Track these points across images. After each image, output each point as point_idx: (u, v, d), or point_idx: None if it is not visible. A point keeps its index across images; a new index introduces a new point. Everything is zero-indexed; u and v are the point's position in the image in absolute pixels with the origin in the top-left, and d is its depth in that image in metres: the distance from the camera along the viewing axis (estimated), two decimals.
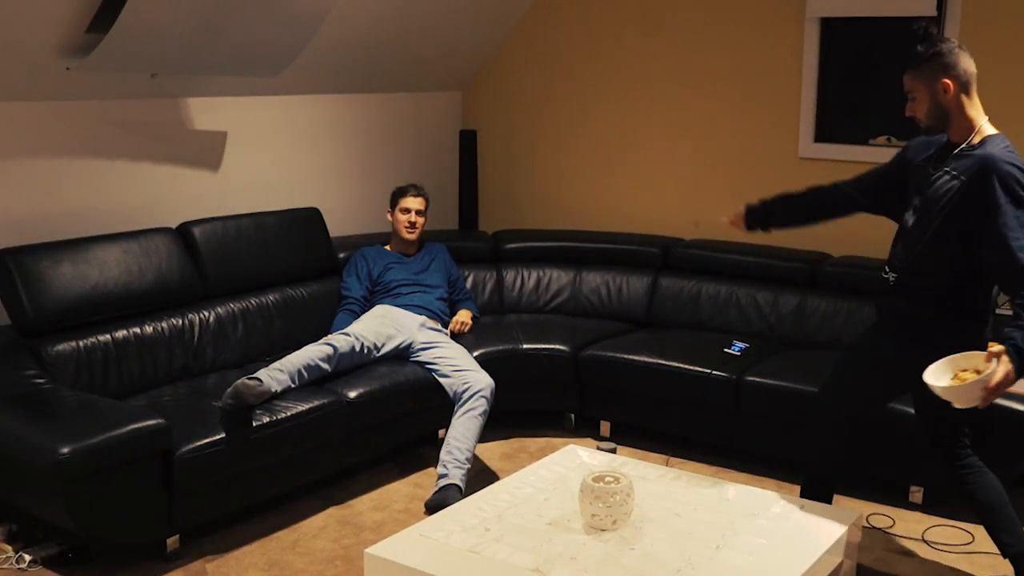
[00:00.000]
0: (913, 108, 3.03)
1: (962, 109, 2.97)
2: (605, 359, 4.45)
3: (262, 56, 4.28)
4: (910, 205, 3.10)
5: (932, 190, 3.00)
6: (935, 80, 2.94)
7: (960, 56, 2.95)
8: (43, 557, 3.34)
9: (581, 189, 5.62)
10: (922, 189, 3.05)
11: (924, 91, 2.98)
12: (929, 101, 2.98)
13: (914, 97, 3.02)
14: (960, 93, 2.95)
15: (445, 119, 5.89)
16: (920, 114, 3.01)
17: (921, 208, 3.04)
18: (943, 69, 2.93)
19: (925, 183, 3.04)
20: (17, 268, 3.62)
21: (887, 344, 3.14)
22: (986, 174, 2.84)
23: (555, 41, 5.61)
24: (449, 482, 3.78)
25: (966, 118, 2.97)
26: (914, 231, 3.04)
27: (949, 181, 2.95)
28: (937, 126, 3.01)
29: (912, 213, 3.07)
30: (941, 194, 2.96)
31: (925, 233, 3.00)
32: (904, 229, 3.11)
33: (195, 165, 4.55)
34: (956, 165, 2.95)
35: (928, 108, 2.98)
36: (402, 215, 4.57)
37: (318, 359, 3.90)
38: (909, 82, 3.02)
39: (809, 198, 3.39)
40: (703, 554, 2.66)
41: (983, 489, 3.17)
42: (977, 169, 2.87)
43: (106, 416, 3.24)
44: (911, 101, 3.03)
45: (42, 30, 3.62)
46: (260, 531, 3.64)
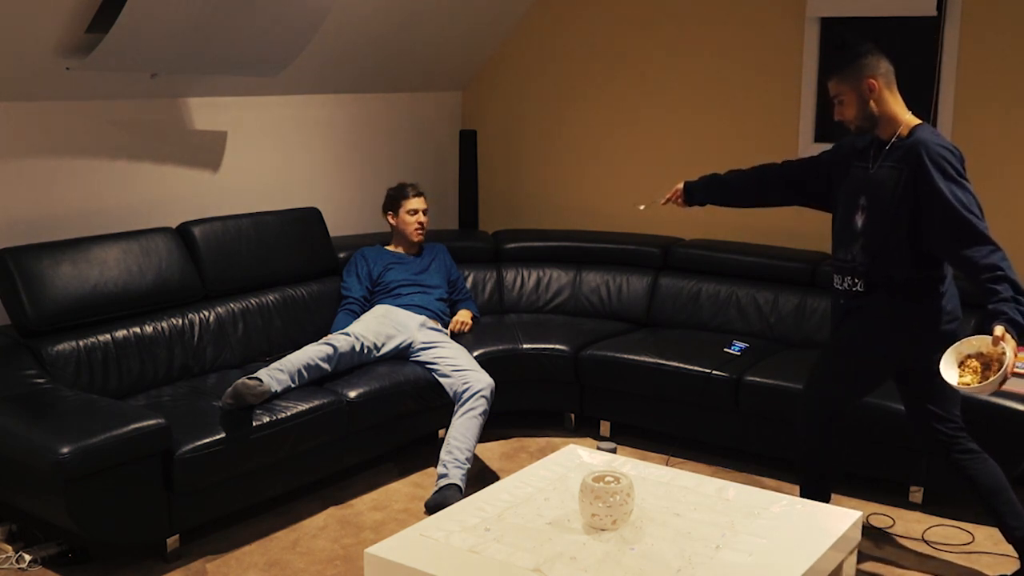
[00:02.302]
0: (842, 112, 3.13)
1: (888, 106, 3.09)
2: (605, 359, 4.45)
3: (262, 56, 4.28)
4: (856, 206, 3.16)
5: (876, 187, 3.09)
6: (861, 81, 3.06)
7: (879, 56, 3.08)
8: (43, 557, 3.34)
9: (581, 189, 5.62)
10: (865, 188, 3.13)
11: (851, 93, 3.08)
12: (857, 103, 3.08)
13: (841, 101, 3.11)
14: (885, 91, 3.07)
15: (445, 119, 5.90)
16: (849, 116, 3.11)
17: (869, 207, 3.11)
18: (867, 70, 3.05)
19: (866, 182, 3.12)
20: (17, 268, 3.62)
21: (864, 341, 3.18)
22: (923, 159, 2.95)
23: (555, 41, 5.61)
24: (449, 482, 3.78)
25: (892, 114, 3.09)
26: (869, 231, 3.11)
27: (891, 174, 3.04)
28: (867, 126, 3.11)
29: (860, 213, 3.13)
30: (887, 188, 3.05)
31: (883, 230, 3.07)
32: (854, 232, 3.16)
33: (195, 165, 4.55)
34: (893, 158, 3.05)
35: (857, 110, 3.08)
36: (410, 217, 4.56)
37: (318, 359, 3.90)
38: (835, 87, 3.12)
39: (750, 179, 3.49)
40: (703, 554, 2.66)
41: (985, 474, 3.19)
42: (915, 156, 2.97)
43: (106, 416, 3.25)
44: (839, 105, 3.12)
45: (42, 30, 3.62)
46: (260, 531, 3.64)
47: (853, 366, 3.25)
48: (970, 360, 2.80)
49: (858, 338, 3.21)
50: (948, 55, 4.46)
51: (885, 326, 3.14)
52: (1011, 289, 2.80)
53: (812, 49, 4.82)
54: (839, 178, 3.25)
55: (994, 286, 2.81)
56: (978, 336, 2.80)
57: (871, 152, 3.15)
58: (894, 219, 3.04)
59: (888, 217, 3.05)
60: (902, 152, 3.03)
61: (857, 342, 3.21)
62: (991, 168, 4.45)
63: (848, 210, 3.18)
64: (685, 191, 3.60)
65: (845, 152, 3.27)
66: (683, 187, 3.60)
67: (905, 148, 3.03)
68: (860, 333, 3.20)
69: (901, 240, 3.04)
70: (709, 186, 3.56)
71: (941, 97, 4.51)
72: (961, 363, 2.81)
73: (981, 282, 2.85)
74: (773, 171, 3.48)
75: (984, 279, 2.84)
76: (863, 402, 3.82)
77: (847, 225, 3.18)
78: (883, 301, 3.12)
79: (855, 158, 3.21)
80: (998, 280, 2.82)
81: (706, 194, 3.57)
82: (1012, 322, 2.74)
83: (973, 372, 2.78)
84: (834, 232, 3.29)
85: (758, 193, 3.52)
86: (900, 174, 3.01)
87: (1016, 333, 2.72)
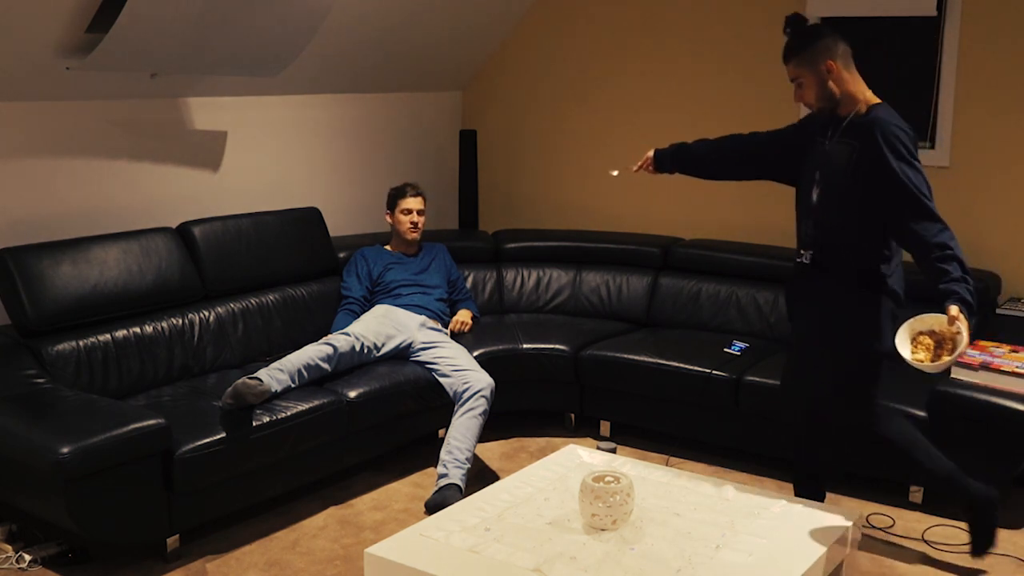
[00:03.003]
0: (801, 95, 3.17)
1: (847, 85, 3.12)
2: (605, 359, 4.45)
3: (262, 56, 4.28)
4: (812, 180, 3.21)
5: (830, 163, 3.14)
6: (819, 63, 3.09)
7: (836, 38, 3.12)
8: (43, 557, 3.34)
9: (581, 189, 5.62)
10: (820, 163, 3.18)
11: (810, 76, 3.11)
12: (817, 84, 3.11)
13: (801, 83, 3.15)
14: (843, 71, 3.10)
15: (445, 119, 5.90)
16: (810, 98, 3.15)
17: (823, 182, 3.16)
18: (825, 52, 3.08)
19: (822, 157, 3.17)
20: (17, 268, 3.62)
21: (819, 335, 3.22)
22: (878, 137, 2.99)
23: (555, 41, 5.61)
24: (449, 482, 3.78)
25: (851, 93, 3.13)
26: (821, 206, 3.16)
27: (845, 150, 3.09)
28: (827, 106, 3.15)
29: (815, 188, 3.19)
30: (841, 165, 3.10)
31: (833, 206, 3.12)
32: (809, 206, 3.21)
33: (195, 165, 4.55)
34: (849, 134, 3.10)
35: (817, 91, 3.12)
36: (404, 216, 4.57)
37: (318, 359, 3.90)
38: (794, 70, 3.15)
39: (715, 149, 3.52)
40: (703, 554, 2.66)
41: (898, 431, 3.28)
42: (868, 134, 3.02)
43: (106, 416, 3.24)
44: (798, 88, 3.16)
45: (42, 30, 3.62)
46: (260, 531, 3.64)
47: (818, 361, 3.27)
48: (923, 337, 2.82)
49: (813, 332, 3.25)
50: (948, 55, 4.46)
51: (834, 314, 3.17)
52: (960, 269, 2.85)
53: None
54: (803, 153, 3.29)
55: (944, 265, 2.85)
56: (932, 314, 2.81)
57: (830, 128, 3.20)
58: (844, 194, 3.10)
59: (838, 192, 3.11)
60: (858, 129, 3.08)
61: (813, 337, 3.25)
62: (991, 168, 4.45)
63: (806, 184, 3.24)
64: (655, 158, 3.62)
65: (810, 127, 3.31)
66: (653, 154, 3.63)
67: (861, 125, 3.08)
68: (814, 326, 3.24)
69: (851, 215, 3.09)
70: (677, 154, 3.59)
71: (941, 97, 4.51)
72: (914, 339, 2.83)
73: (930, 260, 2.88)
74: (738, 142, 3.50)
75: (934, 257, 2.88)
76: None
77: (806, 200, 3.24)
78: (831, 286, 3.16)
79: (818, 133, 3.25)
80: (947, 259, 2.85)
81: (674, 162, 3.60)
82: (964, 302, 2.77)
83: (926, 349, 2.80)
84: (796, 206, 3.34)
85: (723, 165, 3.55)
86: (853, 150, 3.07)
87: (967, 312, 2.76)
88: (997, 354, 3.84)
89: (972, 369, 3.74)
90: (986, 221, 4.47)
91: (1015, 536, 3.64)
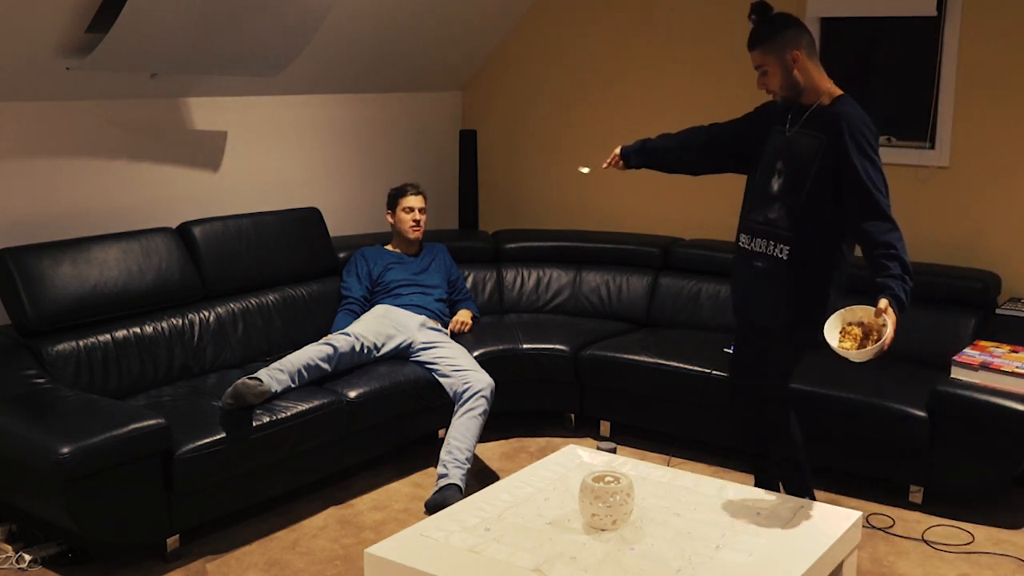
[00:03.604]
0: (766, 82, 3.20)
1: (810, 75, 3.16)
2: (605, 359, 4.45)
3: (262, 56, 4.28)
4: (772, 169, 3.23)
5: (794, 152, 3.17)
6: (784, 53, 3.12)
7: (801, 28, 3.16)
8: (43, 557, 3.34)
9: (581, 189, 5.62)
10: (782, 152, 3.21)
11: (775, 65, 3.15)
12: (781, 73, 3.15)
13: (765, 71, 3.18)
14: (807, 61, 3.14)
15: (445, 119, 5.90)
16: (774, 87, 3.18)
17: (786, 171, 3.19)
18: (791, 42, 3.12)
19: (784, 146, 3.20)
20: (17, 268, 3.62)
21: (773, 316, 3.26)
22: (844, 131, 3.03)
23: (555, 41, 5.61)
24: (449, 482, 3.78)
25: (815, 83, 3.17)
26: (783, 196, 3.19)
27: (811, 143, 3.12)
28: (791, 95, 3.18)
29: (777, 177, 3.21)
30: (805, 155, 3.13)
31: (796, 196, 3.15)
32: (768, 195, 3.23)
33: (195, 165, 4.55)
34: (813, 125, 3.14)
35: (781, 80, 3.15)
36: (405, 215, 4.57)
37: (318, 359, 3.90)
38: (759, 58, 3.18)
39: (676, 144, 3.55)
40: (703, 554, 2.66)
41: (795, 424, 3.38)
42: (835, 127, 3.06)
43: (106, 416, 3.24)
44: (763, 76, 3.19)
45: (42, 30, 3.62)
46: (260, 531, 3.64)
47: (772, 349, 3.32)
48: (852, 327, 2.90)
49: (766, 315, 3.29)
50: (948, 55, 4.46)
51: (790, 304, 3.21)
52: (900, 268, 2.93)
53: None
54: (760, 140, 3.31)
55: (886, 262, 2.94)
56: (862, 306, 2.90)
57: (789, 116, 3.23)
58: (810, 186, 3.13)
59: (803, 183, 3.14)
60: (822, 121, 3.12)
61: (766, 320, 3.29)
62: (991, 168, 4.45)
63: (765, 173, 3.26)
64: (622, 155, 3.63)
65: (767, 115, 3.34)
66: (619, 152, 3.63)
67: (826, 117, 3.12)
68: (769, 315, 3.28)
69: (812, 206, 3.13)
70: (641, 151, 3.60)
71: (941, 97, 4.51)
72: (842, 329, 2.92)
73: (875, 256, 2.98)
74: (700, 135, 3.52)
75: (878, 253, 2.97)
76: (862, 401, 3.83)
77: (763, 188, 3.25)
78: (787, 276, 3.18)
79: (776, 122, 3.27)
80: (891, 257, 2.95)
81: (640, 159, 3.61)
82: (896, 298, 2.86)
83: (853, 339, 2.88)
84: (747, 193, 3.36)
85: (686, 158, 3.55)
86: (820, 143, 3.10)
87: (897, 309, 2.85)
88: (997, 354, 3.84)
89: (972, 369, 3.74)
90: (986, 221, 4.47)
91: (1015, 536, 3.64)
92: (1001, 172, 4.43)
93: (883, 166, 3.07)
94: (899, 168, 4.63)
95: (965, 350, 3.90)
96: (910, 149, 4.62)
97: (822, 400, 3.90)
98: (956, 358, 3.81)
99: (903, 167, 4.62)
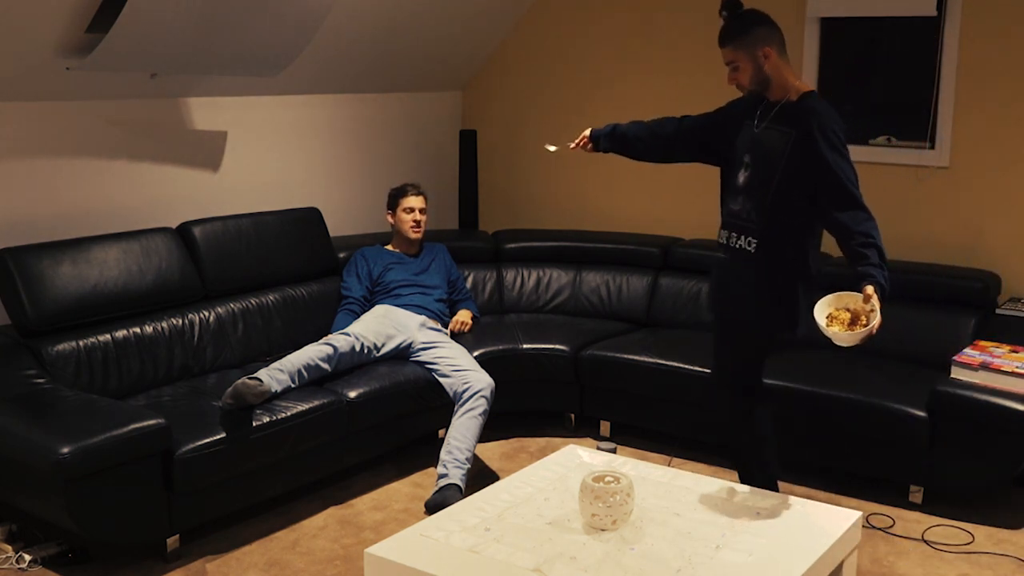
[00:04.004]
0: (736, 77, 3.25)
1: (780, 71, 3.22)
2: (605, 359, 4.45)
3: (262, 56, 4.28)
4: (738, 162, 3.29)
5: (763, 147, 3.23)
6: (756, 50, 3.18)
7: (772, 25, 3.22)
8: (43, 557, 3.34)
9: (582, 189, 5.62)
10: (751, 147, 3.26)
11: (747, 61, 3.20)
12: (752, 69, 3.20)
13: (736, 67, 3.23)
14: (778, 58, 3.20)
15: (445, 119, 5.90)
16: (744, 82, 3.24)
17: (754, 165, 3.25)
18: (763, 39, 3.18)
19: (753, 141, 3.26)
20: (17, 268, 3.62)
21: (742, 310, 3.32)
22: (813, 126, 3.11)
23: (555, 41, 5.61)
24: (449, 482, 3.78)
25: (784, 79, 3.24)
26: (749, 190, 3.25)
27: (780, 138, 3.18)
28: (760, 90, 3.24)
29: (744, 170, 3.27)
30: (774, 149, 3.19)
31: (764, 190, 3.21)
32: (736, 187, 3.30)
33: (195, 165, 4.55)
34: (782, 120, 3.20)
35: (751, 76, 3.21)
36: (406, 215, 4.57)
37: (318, 359, 3.90)
38: (731, 54, 3.23)
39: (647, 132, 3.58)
40: (703, 554, 2.66)
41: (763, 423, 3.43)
42: (805, 123, 3.13)
43: (106, 416, 3.24)
44: (733, 71, 3.24)
45: (42, 30, 3.62)
46: (260, 531, 3.64)
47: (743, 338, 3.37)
48: (840, 312, 3.01)
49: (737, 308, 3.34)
50: (948, 55, 4.46)
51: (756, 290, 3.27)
52: (878, 256, 3.02)
53: (812, 49, 4.81)
54: (733, 135, 3.36)
55: (864, 251, 3.03)
56: (849, 292, 3.00)
57: (758, 111, 3.28)
58: (779, 179, 3.18)
59: (772, 177, 3.19)
60: (792, 117, 3.18)
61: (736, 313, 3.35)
62: (991, 168, 4.45)
63: (734, 167, 3.32)
64: (591, 138, 3.66)
65: (738, 110, 3.38)
66: (589, 134, 3.66)
67: (795, 113, 3.18)
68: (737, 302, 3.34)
69: (782, 199, 3.19)
70: (611, 135, 3.62)
71: (941, 97, 4.51)
72: (830, 315, 3.02)
73: (852, 246, 3.06)
74: (670, 125, 3.54)
75: (856, 243, 3.05)
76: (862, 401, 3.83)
77: (731, 182, 3.33)
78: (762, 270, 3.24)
79: (746, 116, 3.32)
80: (868, 246, 3.03)
81: (609, 143, 3.63)
82: (879, 285, 2.94)
83: (841, 323, 2.98)
84: (721, 188, 3.42)
85: (655, 147, 3.58)
86: (789, 137, 3.16)
87: (881, 296, 2.93)
88: (997, 354, 3.84)
89: (972, 369, 3.74)
90: (986, 221, 4.47)
91: (1015, 536, 3.64)
92: (1001, 172, 4.43)
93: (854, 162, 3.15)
94: (899, 168, 4.63)
95: (965, 350, 3.90)
96: (910, 149, 4.62)
97: (822, 400, 3.90)
98: (956, 358, 3.81)
99: (903, 167, 4.62)
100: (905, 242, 4.59)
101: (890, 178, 4.67)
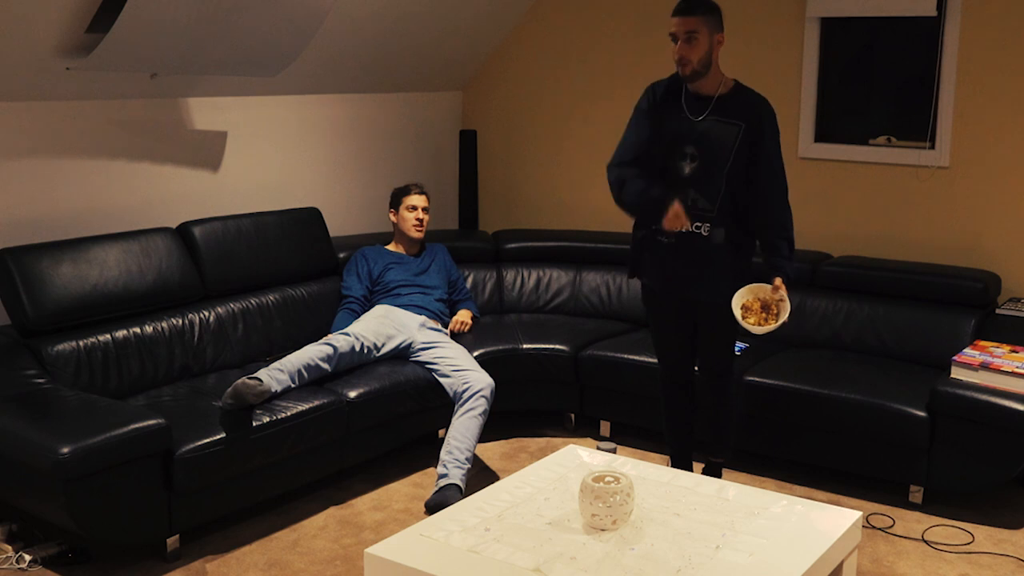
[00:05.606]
0: (689, 51, 3.29)
1: (717, 63, 3.33)
2: (605, 359, 4.45)
3: (262, 56, 4.28)
4: (682, 154, 3.38)
5: (709, 139, 3.33)
6: (715, 32, 3.30)
7: None
8: (43, 557, 3.34)
9: (582, 189, 5.62)
10: (693, 138, 3.36)
11: (705, 38, 3.29)
12: (706, 48, 3.29)
13: (696, 39, 3.28)
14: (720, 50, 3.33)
15: (445, 119, 5.90)
16: (694, 57, 3.29)
17: (699, 155, 3.35)
18: (720, 26, 3.32)
19: (694, 132, 3.36)
20: (17, 268, 3.62)
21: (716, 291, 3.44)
22: (763, 119, 3.29)
23: (555, 41, 5.61)
24: (449, 482, 3.78)
25: (719, 71, 3.39)
26: (699, 180, 3.36)
27: (728, 130, 3.31)
28: (701, 71, 3.32)
29: (688, 161, 3.37)
30: (723, 141, 3.31)
31: (719, 178, 3.34)
32: (679, 178, 3.39)
33: (195, 165, 4.56)
34: (727, 112, 3.32)
35: (702, 54, 3.29)
36: (409, 213, 4.57)
37: (318, 359, 3.90)
38: (696, 23, 3.27)
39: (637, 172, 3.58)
40: (703, 554, 2.66)
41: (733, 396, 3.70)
42: (755, 114, 3.29)
43: (106, 416, 3.25)
44: (688, 43, 3.28)
45: (42, 30, 3.62)
46: (260, 531, 3.64)
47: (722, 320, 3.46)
48: (753, 302, 3.27)
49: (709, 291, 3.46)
50: (948, 55, 4.46)
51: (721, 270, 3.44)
52: (788, 249, 3.31)
53: (812, 49, 4.81)
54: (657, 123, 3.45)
55: (779, 243, 3.27)
56: (759, 284, 3.33)
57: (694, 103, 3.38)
58: (729, 169, 3.32)
59: (723, 167, 3.33)
60: (735, 109, 3.31)
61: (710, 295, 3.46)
62: (991, 168, 4.45)
63: (672, 157, 3.41)
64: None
65: (658, 97, 3.48)
66: None
67: (738, 105, 3.31)
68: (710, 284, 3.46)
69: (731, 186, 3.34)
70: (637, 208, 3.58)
71: (941, 97, 4.51)
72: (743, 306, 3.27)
73: (770, 235, 3.30)
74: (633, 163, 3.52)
75: (773, 234, 3.29)
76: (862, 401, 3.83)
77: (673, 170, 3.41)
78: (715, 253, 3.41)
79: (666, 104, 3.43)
80: (783, 238, 3.28)
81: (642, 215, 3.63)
82: (788, 276, 3.29)
83: (755, 314, 3.25)
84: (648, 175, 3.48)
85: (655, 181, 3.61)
86: (738, 129, 3.29)
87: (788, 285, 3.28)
88: (997, 354, 3.84)
89: (972, 369, 3.74)
90: (986, 221, 4.47)
91: (1015, 536, 3.64)
92: (1001, 172, 4.43)
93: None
94: (899, 168, 4.63)
95: (965, 350, 3.90)
96: (910, 149, 4.62)
97: (822, 400, 3.90)
98: (956, 358, 3.81)
99: (903, 167, 4.62)
100: (905, 242, 4.59)
101: (890, 178, 4.67)
